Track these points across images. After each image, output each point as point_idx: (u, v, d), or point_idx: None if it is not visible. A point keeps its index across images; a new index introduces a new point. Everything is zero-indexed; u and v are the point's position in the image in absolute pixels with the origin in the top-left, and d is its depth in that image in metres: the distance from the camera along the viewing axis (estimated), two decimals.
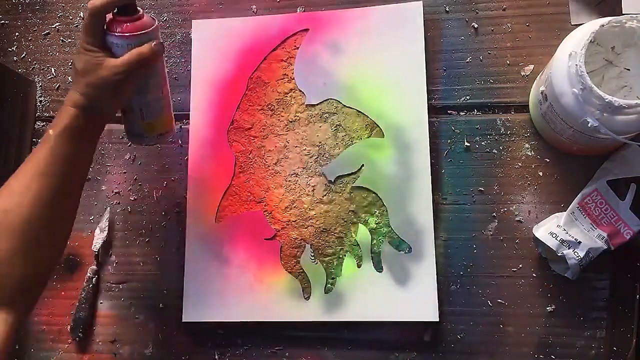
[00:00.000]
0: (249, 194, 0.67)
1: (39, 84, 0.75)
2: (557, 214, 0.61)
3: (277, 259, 0.65)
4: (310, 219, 0.66)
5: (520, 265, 0.63)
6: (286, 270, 0.65)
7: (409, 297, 0.62)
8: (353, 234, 0.65)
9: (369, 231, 0.64)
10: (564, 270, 0.60)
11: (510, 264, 0.63)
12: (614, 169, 0.60)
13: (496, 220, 0.64)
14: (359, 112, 0.67)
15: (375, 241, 0.64)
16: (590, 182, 0.61)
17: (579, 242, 0.58)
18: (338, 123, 0.67)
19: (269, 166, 0.67)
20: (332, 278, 0.64)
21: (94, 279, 0.68)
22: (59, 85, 0.75)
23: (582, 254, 0.57)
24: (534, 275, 0.62)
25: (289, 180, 0.67)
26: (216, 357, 0.66)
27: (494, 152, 0.65)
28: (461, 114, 0.67)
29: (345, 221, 0.65)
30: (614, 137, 0.53)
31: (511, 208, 0.64)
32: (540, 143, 0.65)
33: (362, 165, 0.66)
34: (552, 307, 0.61)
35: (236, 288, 0.65)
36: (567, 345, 0.60)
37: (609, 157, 0.61)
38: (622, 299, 0.60)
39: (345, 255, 0.65)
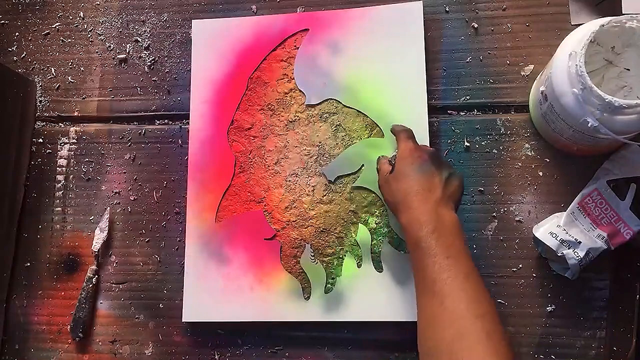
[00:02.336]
0: (249, 193, 0.67)
1: (39, 84, 0.75)
2: (557, 214, 0.61)
3: (277, 259, 0.65)
4: (310, 219, 0.66)
5: (520, 265, 0.63)
6: (286, 270, 0.65)
7: (409, 297, 0.62)
8: (353, 234, 0.65)
9: (369, 231, 0.64)
10: (564, 270, 0.60)
11: (510, 264, 0.63)
12: (614, 169, 0.60)
13: (496, 220, 0.64)
14: (359, 112, 0.67)
15: (375, 241, 0.64)
16: (590, 182, 0.61)
17: (579, 242, 0.58)
18: (338, 123, 0.67)
19: (269, 166, 0.67)
20: (332, 278, 0.64)
21: (94, 278, 0.68)
22: (59, 85, 0.75)
23: (582, 254, 0.57)
24: (534, 275, 0.62)
25: (289, 181, 0.67)
26: (216, 357, 0.66)
27: (494, 152, 0.65)
28: (461, 114, 0.67)
29: (345, 221, 0.65)
30: (614, 137, 0.53)
31: (511, 208, 0.64)
32: (540, 143, 0.65)
33: (362, 165, 0.66)
34: (552, 307, 0.61)
35: (236, 288, 0.65)
36: (567, 345, 0.60)
37: (609, 157, 0.61)
38: (622, 299, 0.60)
39: (345, 255, 0.64)
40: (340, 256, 0.65)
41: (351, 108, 0.67)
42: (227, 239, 0.66)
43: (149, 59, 0.73)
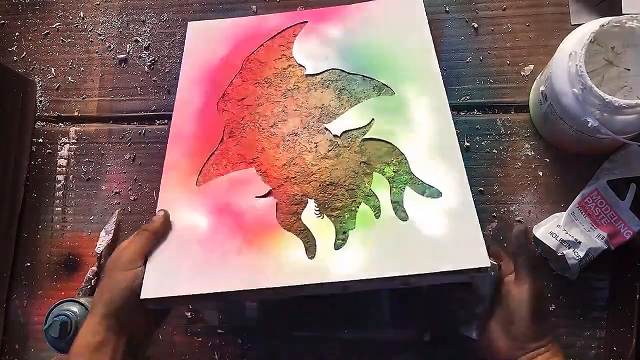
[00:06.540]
0: (238, 155, 0.60)
1: (39, 84, 0.75)
2: (557, 214, 0.61)
3: (272, 218, 0.56)
4: (314, 174, 0.58)
5: None
6: (284, 228, 0.55)
7: (446, 245, 0.52)
8: (367, 184, 0.57)
9: (387, 180, 0.57)
10: (564, 270, 0.60)
11: None
12: (614, 169, 0.60)
13: (496, 220, 0.64)
14: (365, 77, 0.62)
15: (395, 189, 0.56)
16: (590, 182, 0.61)
17: (579, 242, 0.58)
18: (342, 87, 0.62)
19: (263, 129, 0.61)
20: (344, 232, 0.54)
21: (92, 280, 0.68)
22: (59, 85, 0.75)
23: (582, 254, 0.57)
24: None
25: (287, 140, 0.60)
26: (216, 357, 0.66)
27: (494, 152, 0.65)
28: (461, 114, 0.67)
29: (355, 173, 0.57)
30: (614, 137, 0.53)
31: (511, 208, 0.64)
32: (540, 143, 0.65)
33: (373, 119, 0.60)
34: (552, 307, 0.61)
35: (220, 254, 0.54)
36: (567, 345, 0.60)
37: (609, 157, 0.61)
38: (622, 299, 0.60)
39: (358, 208, 0.56)
40: (352, 209, 0.56)
41: (357, 74, 0.62)
42: (211, 202, 0.58)
43: (149, 59, 0.73)
